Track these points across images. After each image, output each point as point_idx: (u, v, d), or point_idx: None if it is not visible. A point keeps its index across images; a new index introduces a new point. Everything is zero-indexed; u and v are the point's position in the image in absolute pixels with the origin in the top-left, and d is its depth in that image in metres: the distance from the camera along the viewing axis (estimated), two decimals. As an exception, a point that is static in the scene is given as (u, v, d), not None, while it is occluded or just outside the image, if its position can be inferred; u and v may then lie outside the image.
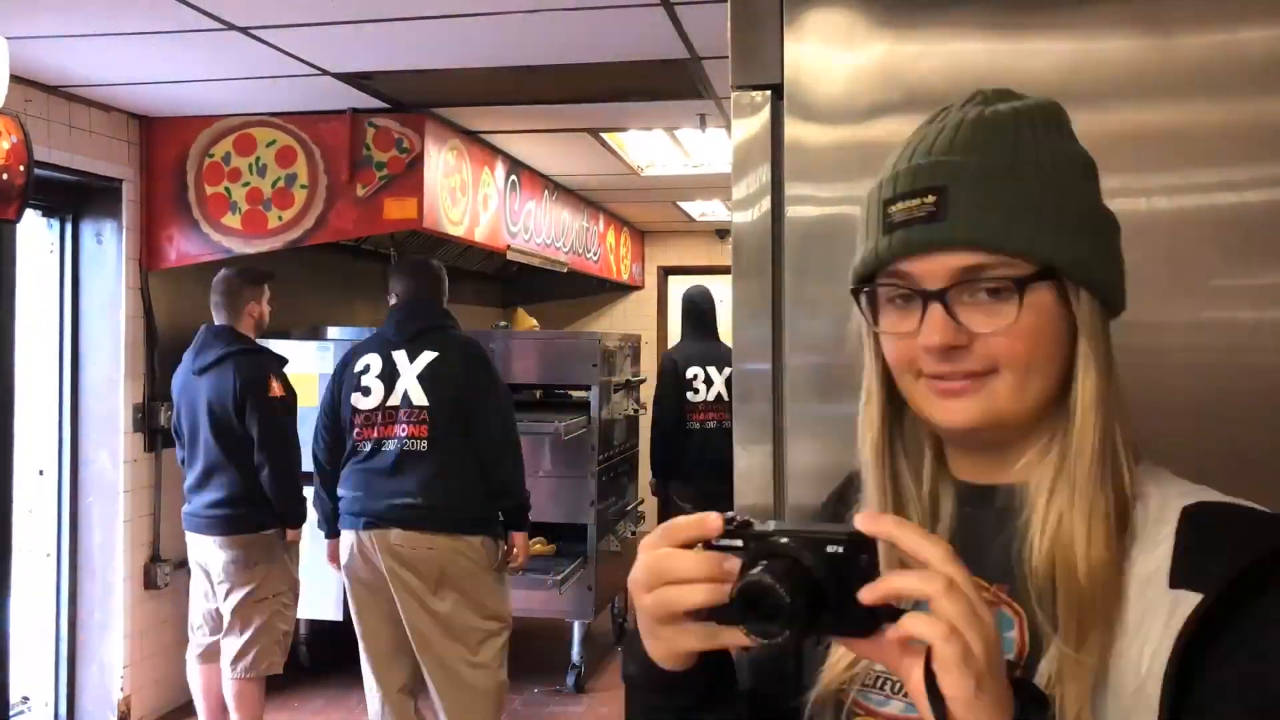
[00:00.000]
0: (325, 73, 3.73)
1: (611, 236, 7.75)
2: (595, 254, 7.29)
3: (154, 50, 3.43)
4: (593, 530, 4.83)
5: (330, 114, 4.29)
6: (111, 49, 3.40)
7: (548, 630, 5.22)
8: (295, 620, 3.93)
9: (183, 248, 4.35)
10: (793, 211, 1.16)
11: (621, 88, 3.97)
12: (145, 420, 4.31)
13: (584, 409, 4.89)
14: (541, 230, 5.98)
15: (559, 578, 4.52)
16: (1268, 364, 1.03)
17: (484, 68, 3.66)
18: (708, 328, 5.06)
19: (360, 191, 4.29)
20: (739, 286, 1.20)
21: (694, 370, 4.92)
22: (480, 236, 5.02)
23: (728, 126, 2.32)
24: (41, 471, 4.17)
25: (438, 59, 3.57)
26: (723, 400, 4.92)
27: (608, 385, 5.02)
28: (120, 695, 4.19)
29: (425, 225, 4.34)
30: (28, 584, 4.06)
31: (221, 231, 4.35)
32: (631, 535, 5.44)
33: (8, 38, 2.93)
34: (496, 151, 5.18)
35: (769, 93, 1.17)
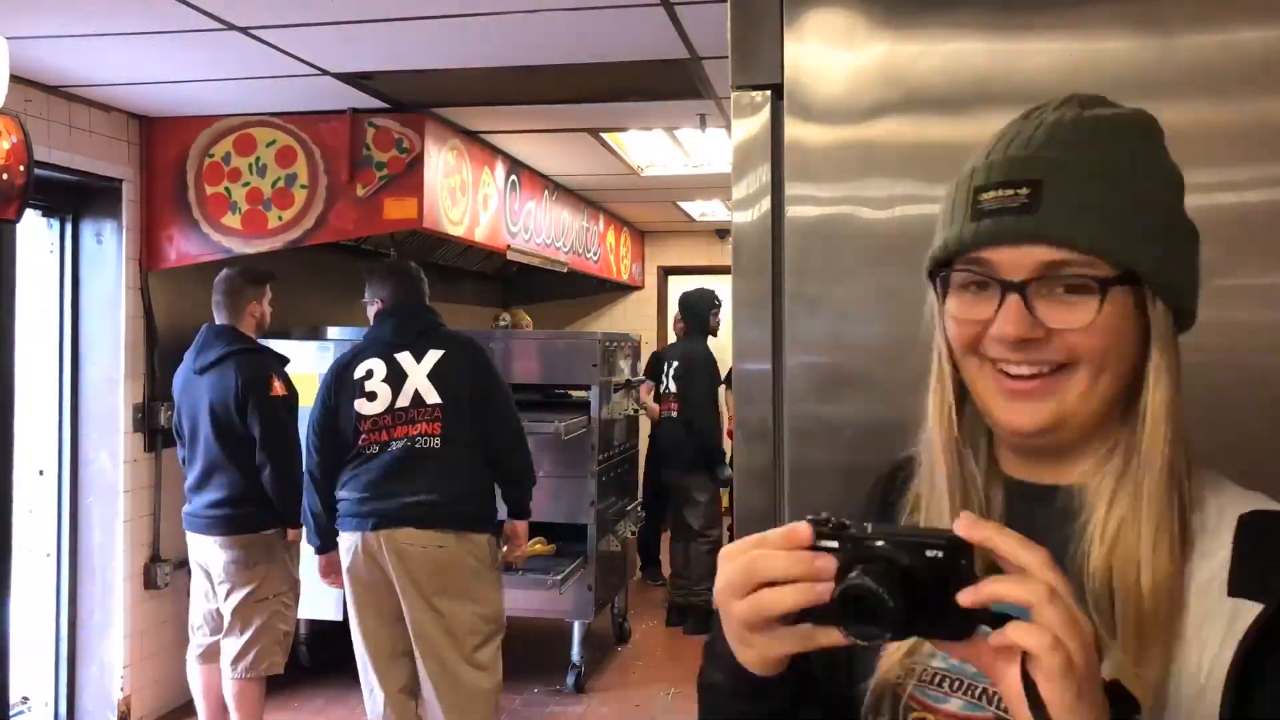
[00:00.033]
0: (325, 73, 3.73)
1: (611, 236, 7.75)
2: (595, 254, 7.29)
3: (154, 50, 3.43)
4: (593, 530, 4.83)
5: (330, 114, 4.29)
6: (111, 49, 3.40)
7: (548, 630, 5.22)
8: (296, 620, 3.93)
9: (183, 248, 4.36)
10: (793, 211, 1.16)
11: (621, 88, 3.97)
12: (145, 420, 4.31)
13: (584, 409, 4.90)
14: (541, 230, 5.99)
15: (559, 578, 4.52)
16: (1268, 364, 1.03)
17: (484, 68, 3.66)
18: (685, 327, 5.74)
19: (360, 191, 4.29)
20: (739, 286, 1.20)
21: (666, 364, 5.67)
22: (480, 236, 5.02)
23: (728, 126, 2.32)
24: (41, 471, 4.17)
25: (438, 59, 3.57)
26: (670, 391, 5.55)
27: (608, 385, 5.02)
28: (120, 695, 4.19)
29: (425, 225, 4.34)
30: (28, 584, 4.06)
31: (221, 231, 4.35)
32: (631, 535, 5.44)
33: (8, 38, 2.93)
34: (496, 151, 5.18)
35: (769, 93, 1.17)
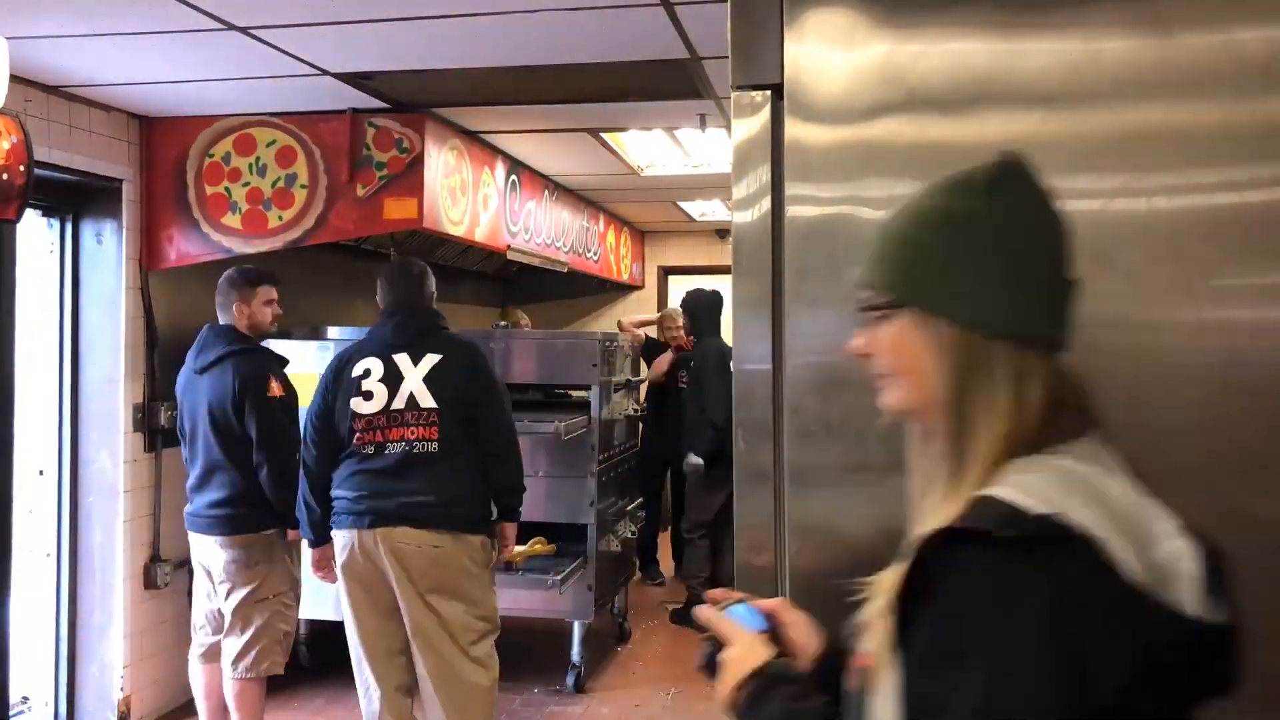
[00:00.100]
0: (325, 73, 3.73)
1: (611, 236, 7.75)
2: (595, 254, 7.29)
3: (154, 50, 3.43)
4: (593, 530, 4.83)
5: (330, 114, 4.29)
6: (111, 49, 3.40)
7: (548, 630, 5.22)
8: (297, 620, 3.93)
9: (183, 248, 4.35)
10: (793, 211, 1.16)
11: (621, 88, 3.97)
12: (145, 420, 4.31)
13: (584, 409, 4.90)
14: (541, 230, 5.99)
15: (559, 578, 4.51)
16: (1268, 364, 1.03)
17: (484, 68, 3.66)
18: (695, 328, 5.93)
19: (360, 191, 4.28)
20: (739, 286, 1.20)
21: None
22: (480, 236, 5.02)
23: (728, 126, 2.32)
24: (41, 471, 4.17)
25: (438, 59, 3.57)
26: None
27: (608, 385, 5.02)
28: (120, 695, 4.19)
29: (425, 225, 4.34)
30: (28, 584, 4.06)
31: (221, 231, 4.35)
32: (631, 535, 5.44)
33: (8, 38, 2.93)
34: (496, 151, 5.18)
35: (769, 93, 1.17)
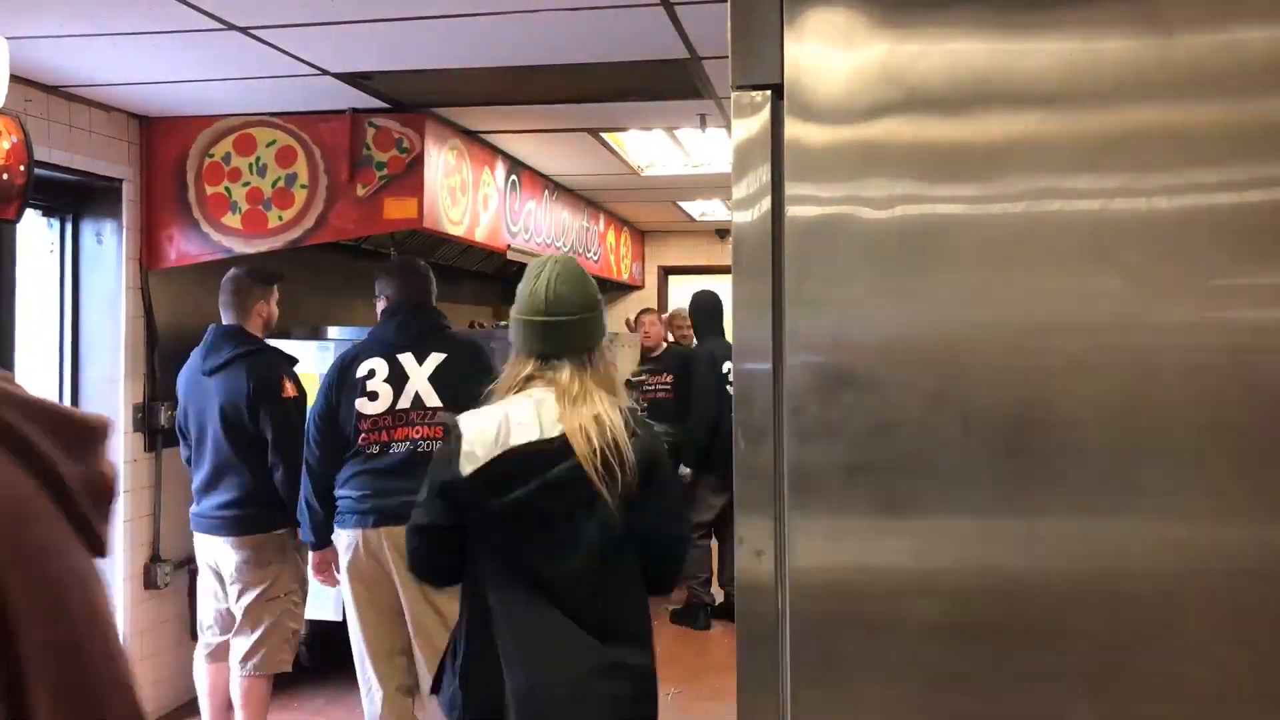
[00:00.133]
0: (325, 73, 3.73)
1: (611, 236, 7.75)
2: (595, 254, 7.29)
3: (154, 50, 3.43)
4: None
5: (330, 114, 4.29)
6: (111, 49, 3.40)
7: (548, 630, 5.21)
8: (304, 618, 3.94)
9: (183, 248, 4.36)
10: (793, 211, 1.16)
11: (621, 88, 3.97)
12: (145, 420, 4.31)
13: (584, 409, 4.89)
14: (541, 230, 5.99)
15: (559, 578, 4.50)
16: (1268, 364, 1.03)
17: (484, 68, 3.66)
18: (698, 328, 5.80)
19: (360, 191, 4.29)
20: (739, 286, 1.20)
21: (728, 365, 5.28)
22: (480, 236, 5.02)
23: (728, 126, 2.32)
24: (41, 471, 4.16)
25: (438, 59, 3.57)
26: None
27: (608, 385, 5.01)
28: (120, 695, 4.19)
29: (425, 225, 4.34)
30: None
31: (222, 231, 4.35)
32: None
33: (8, 38, 2.93)
34: (496, 151, 5.18)
35: (769, 93, 1.17)
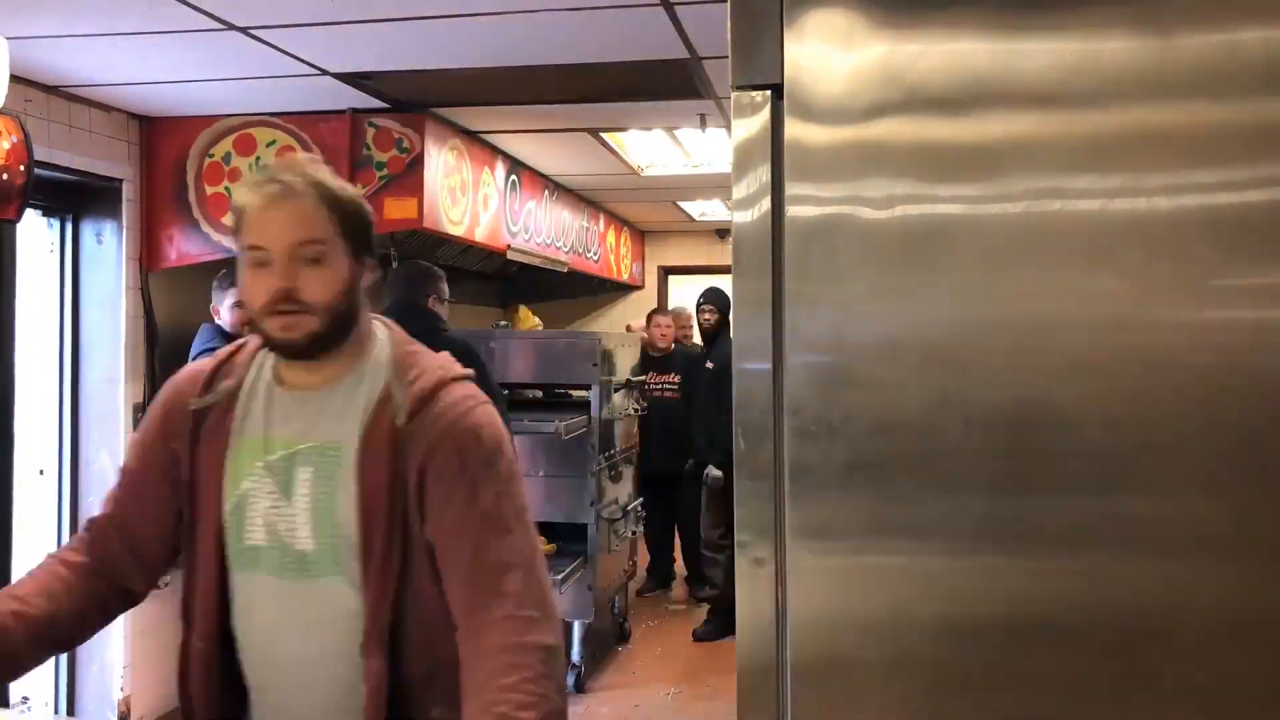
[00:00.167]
0: (325, 73, 3.73)
1: (611, 236, 7.75)
2: (595, 254, 7.29)
3: (154, 50, 3.43)
4: (593, 530, 4.83)
5: (330, 114, 4.29)
6: (111, 49, 3.40)
7: (548, 630, 5.21)
8: None
9: (183, 248, 4.36)
10: (793, 211, 1.16)
11: (621, 88, 3.97)
12: (145, 420, 4.31)
13: (584, 409, 4.90)
14: (541, 230, 5.99)
15: (559, 578, 4.51)
16: (1268, 364, 1.03)
17: (484, 68, 3.66)
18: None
19: (360, 191, 4.28)
20: (739, 286, 1.20)
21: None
22: (480, 236, 5.02)
23: (728, 126, 2.32)
24: (42, 471, 4.17)
25: (438, 59, 3.57)
26: None
27: (608, 385, 5.02)
28: (120, 695, 4.19)
29: (425, 225, 4.34)
30: (28, 584, 4.06)
31: (221, 231, 4.35)
32: (632, 535, 5.43)
33: (8, 38, 2.93)
34: (496, 151, 5.18)
35: (769, 93, 1.17)
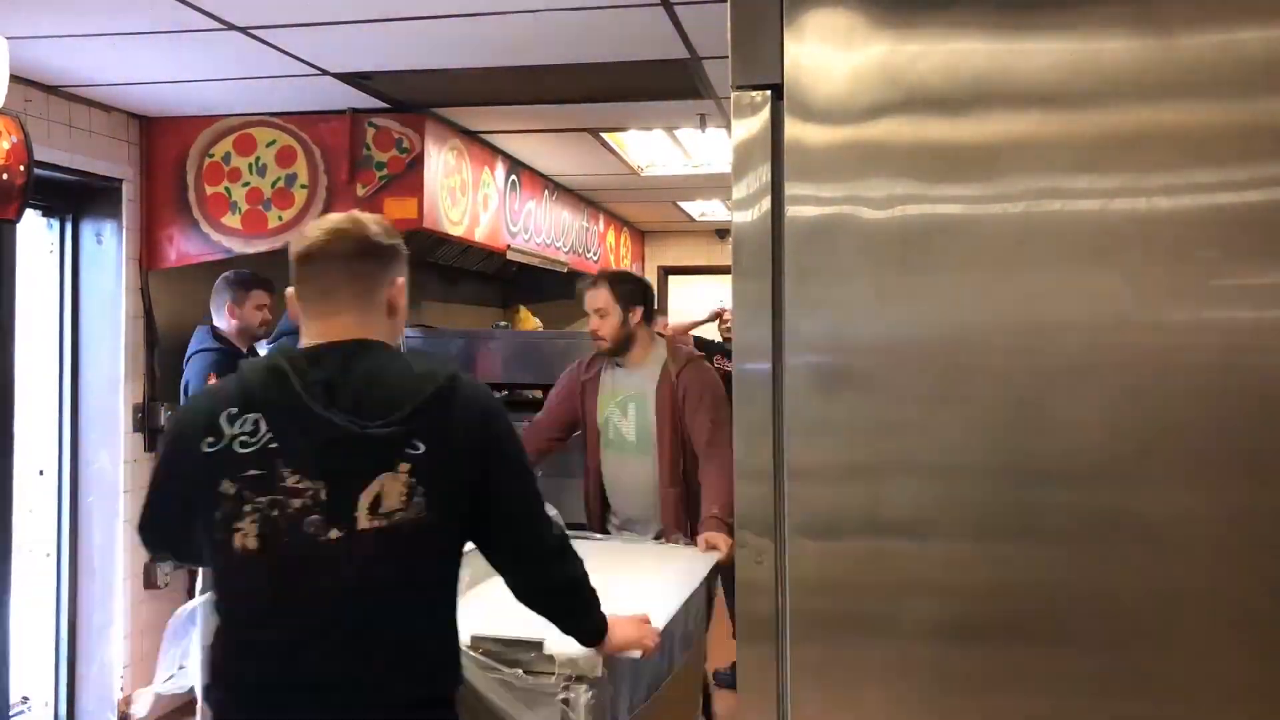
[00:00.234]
0: (325, 73, 3.73)
1: (611, 236, 7.75)
2: (595, 254, 7.29)
3: (154, 50, 3.43)
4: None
5: (330, 114, 4.29)
6: (111, 49, 3.40)
7: (548, 630, 5.20)
8: None
9: (183, 248, 4.35)
10: (793, 211, 1.16)
11: (621, 88, 3.97)
12: (145, 420, 4.31)
13: (584, 409, 4.89)
14: (541, 230, 5.98)
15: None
16: (1268, 364, 1.03)
17: (484, 68, 3.66)
18: None
19: (360, 191, 4.28)
20: (739, 286, 1.20)
21: None
22: (480, 236, 5.02)
23: (728, 126, 2.32)
24: (41, 471, 4.17)
25: (438, 59, 3.57)
26: None
27: (608, 385, 5.01)
28: (120, 695, 4.19)
29: (425, 225, 4.33)
30: (28, 584, 4.06)
31: (221, 231, 4.35)
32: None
33: (8, 38, 2.93)
34: (496, 151, 5.18)
35: (769, 93, 1.17)
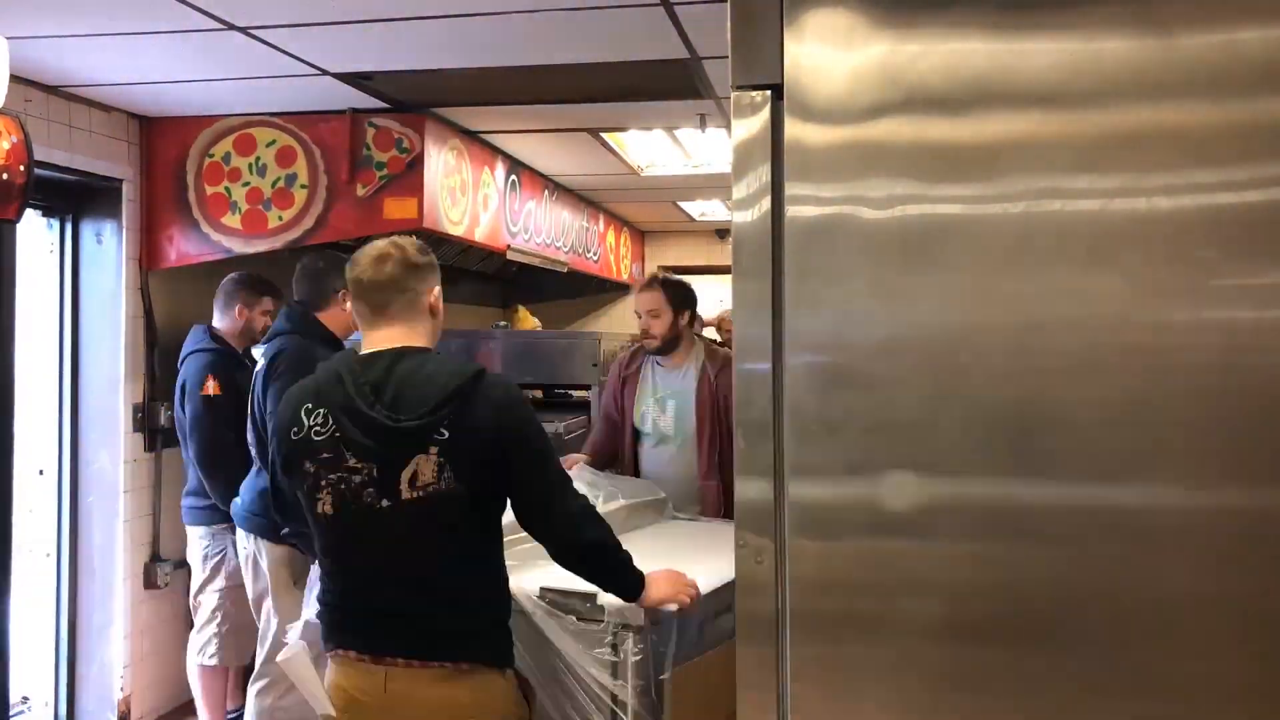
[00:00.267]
0: (325, 73, 3.73)
1: (611, 236, 7.75)
2: (595, 254, 7.29)
3: (154, 50, 3.43)
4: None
5: (330, 114, 4.29)
6: (111, 49, 3.40)
7: (548, 630, 5.20)
8: (253, 617, 3.64)
9: (183, 248, 4.35)
10: (793, 211, 1.16)
11: (621, 88, 3.96)
12: (145, 420, 4.31)
13: (584, 409, 4.90)
14: (541, 230, 5.98)
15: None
16: (1268, 364, 1.03)
17: (484, 68, 3.66)
18: None
19: (360, 191, 4.29)
20: (739, 286, 1.20)
21: None
22: (480, 236, 5.02)
23: (728, 126, 2.32)
24: (41, 471, 4.17)
25: (438, 59, 3.57)
26: None
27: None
28: (120, 695, 4.19)
29: (425, 225, 4.33)
30: (28, 584, 4.06)
31: (221, 231, 4.35)
32: (631, 535, 5.42)
33: (8, 38, 2.93)
34: (496, 151, 5.18)
35: (769, 93, 1.17)
